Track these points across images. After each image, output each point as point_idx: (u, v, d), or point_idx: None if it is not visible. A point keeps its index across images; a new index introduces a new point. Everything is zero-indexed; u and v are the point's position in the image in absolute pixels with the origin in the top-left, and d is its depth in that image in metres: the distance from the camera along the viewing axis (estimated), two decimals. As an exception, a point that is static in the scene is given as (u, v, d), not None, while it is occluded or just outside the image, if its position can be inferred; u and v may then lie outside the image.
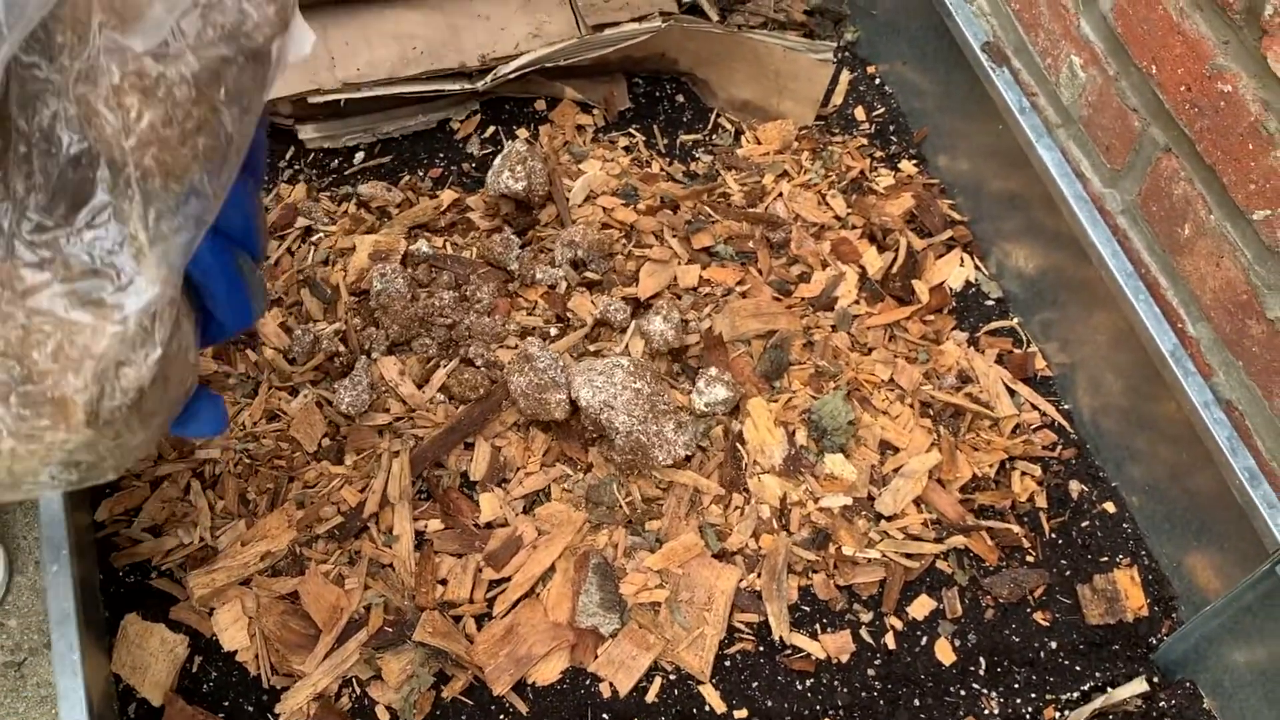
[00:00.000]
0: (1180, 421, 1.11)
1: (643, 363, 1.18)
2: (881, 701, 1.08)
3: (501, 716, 1.04)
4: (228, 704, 1.04)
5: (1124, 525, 1.19)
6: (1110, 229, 1.19)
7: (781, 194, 1.41)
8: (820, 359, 1.26)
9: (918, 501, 1.18)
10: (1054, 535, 1.18)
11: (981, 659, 1.11)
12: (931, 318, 1.32)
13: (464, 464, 1.17)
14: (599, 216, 1.36)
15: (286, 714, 1.03)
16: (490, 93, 1.46)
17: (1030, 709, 1.08)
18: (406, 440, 1.17)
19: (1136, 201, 1.17)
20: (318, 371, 1.22)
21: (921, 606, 1.13)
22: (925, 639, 1.11)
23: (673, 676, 1.07)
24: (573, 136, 1.47)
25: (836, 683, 1.08)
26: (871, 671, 1.09)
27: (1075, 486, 1.22)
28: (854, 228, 1.39)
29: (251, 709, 1.04)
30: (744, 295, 1.31)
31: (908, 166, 1.47)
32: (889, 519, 1.17)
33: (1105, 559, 1.17)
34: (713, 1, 1.59)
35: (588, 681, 1.06)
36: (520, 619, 1.07)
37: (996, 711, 1.08)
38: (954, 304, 1.35)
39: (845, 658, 1.09)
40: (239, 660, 1.06)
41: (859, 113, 1.54)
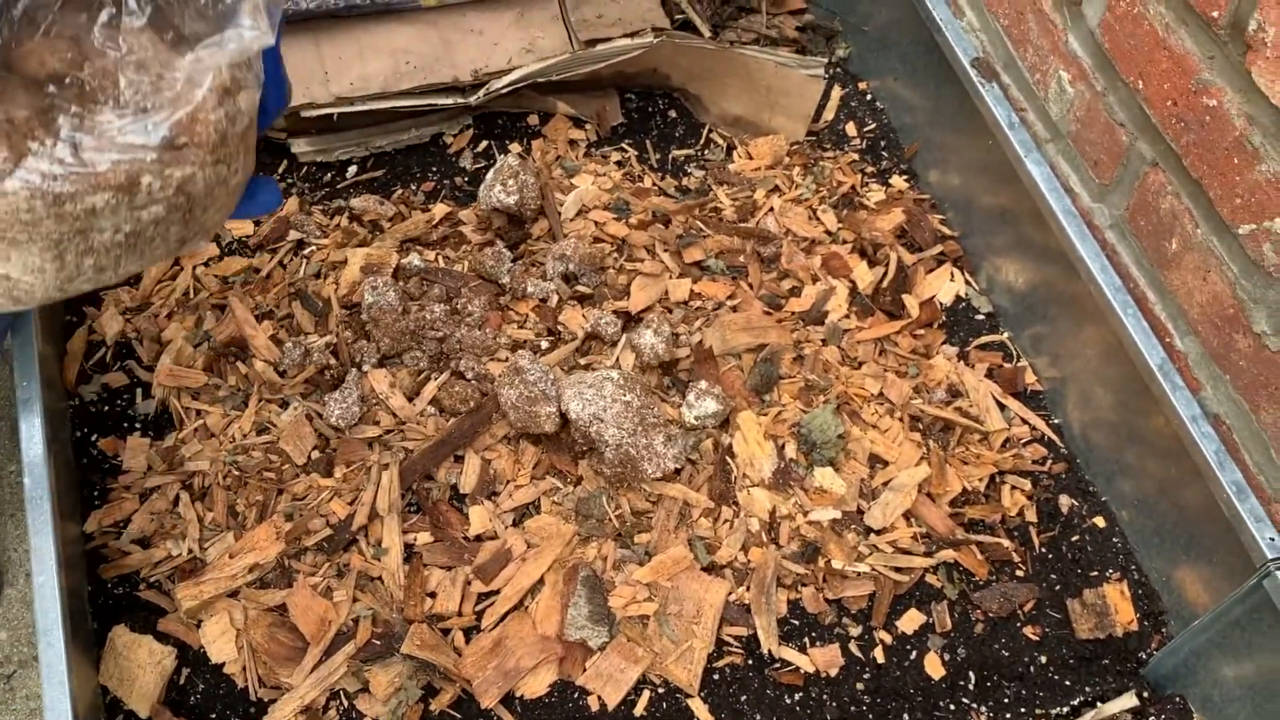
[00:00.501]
0: (1169, 436, 1.11)
1: (633, 376, 1.18)
2: (870, 716, 1.07)
3: (489, 729, 1.04)
4: (215, 716, 1.04)
5: (1114, 539, 1.20)
6: (1099, 243, 1.20)
7: (773, 209, 1.41)
8: (810, 373, 1.26)
9: (907, 515, 1.18)
10: (1044, 549, 1.19)
11: (971, 673, 1.10)
12: (922, 332, 1.33)
13: (454, 476, 1.17)
14: (591, 230, 1.36)
15: (273, 726, 1.02)
16: (483, 107, 1.47)
17: (1019, 723, 1.08)
18: (396, 453, 1.18)
19: (1125, 216, 1.18)
20: (308, 384, 1.22)
21: (911, 620, 1.13)
22: (914, 653, 1.11)
23: (661, 690, 1.07)
24: (565, 151, 1.48)
25: (825, 697, 1.08)
26: (860, 685, 1.09)
27: (1065, 501, 1.22)
28: (845, 242, 1.39)
29: (238, 721, 1.04)
30: (735, 309, 1.31)
31: (898, 181, 1.47)
32: (878, 533, 1.17)
33: (1095, 573, 1.17)
34: (705, 18, 1.60)
35: (576, 694, 1.06)
36: (509, 632, 1.07)
37: (985, 725, 1.08)
38: (944, 318, 1.35)
39: (834, 671, 1.09)
40: (226, 672, 1.06)
41: (850, 128, 1.54)
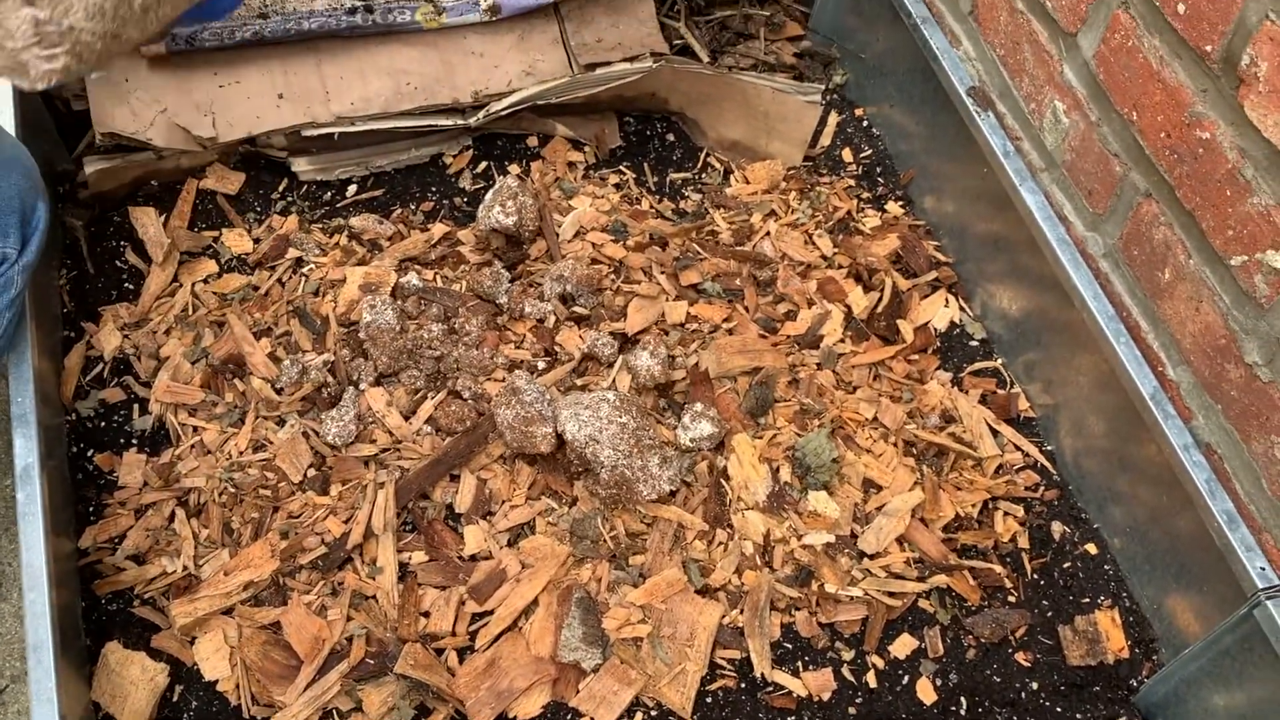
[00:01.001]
0: (1160, 464, 1.11)
1: (629, 397, 1.19)
2: (862, 740, 1.08)
3: (481, 750, 1.04)
4: (207, 734, 1.04)
5: (1105, 567, 1.20)
6: (1092, 272, 1.21)
7: (769, 233, 1.42)
8: (805, 397, 1.27)
9: (900, 540, 1.18)
10: (1036, 576, 1.19)
11: (962, 699, 1.11)
12: (916, 357, 1.34)
13: (449, 496, 1.17)
14: (588, 252, 1.37)
15: (266, 745, 1.02)
16: (483, 129, 1.48)
17: (1010, 749, 1.09)
18: (392, 471, 1.18)
19: (1118, 245, 1.19)
20: (305, 402, 1.22)
21: (903, 645, 1.13)
22: (907, 678, 1.11)
23: (654, 712, 1.07)
24: (564, 173, 1.49)
25: (817, 720, 1.08)
26: (853, 710, 1.09)
27: (1057, 527, 1.22)
28: (840, 267, 1.40)
29: (231, 739, 1.04)
30: (730, 332, 1.32)
31: (894, 208, 1.49)
32: (872, 557, 1.17)
33: (1087, 600, 1.18)
34: (703, 43, 1.61)
35: (569, 716, 1.06)
36: (502, 652, 1.07)
37: (977, 751, 1.08)
38: (938, 344, 1.36)
39: (826, 695, 1.09)
40: (219, 690, 1.06)
41: (846, 154, 1.56)
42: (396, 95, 1.44)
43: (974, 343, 1.37)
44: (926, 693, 1.10)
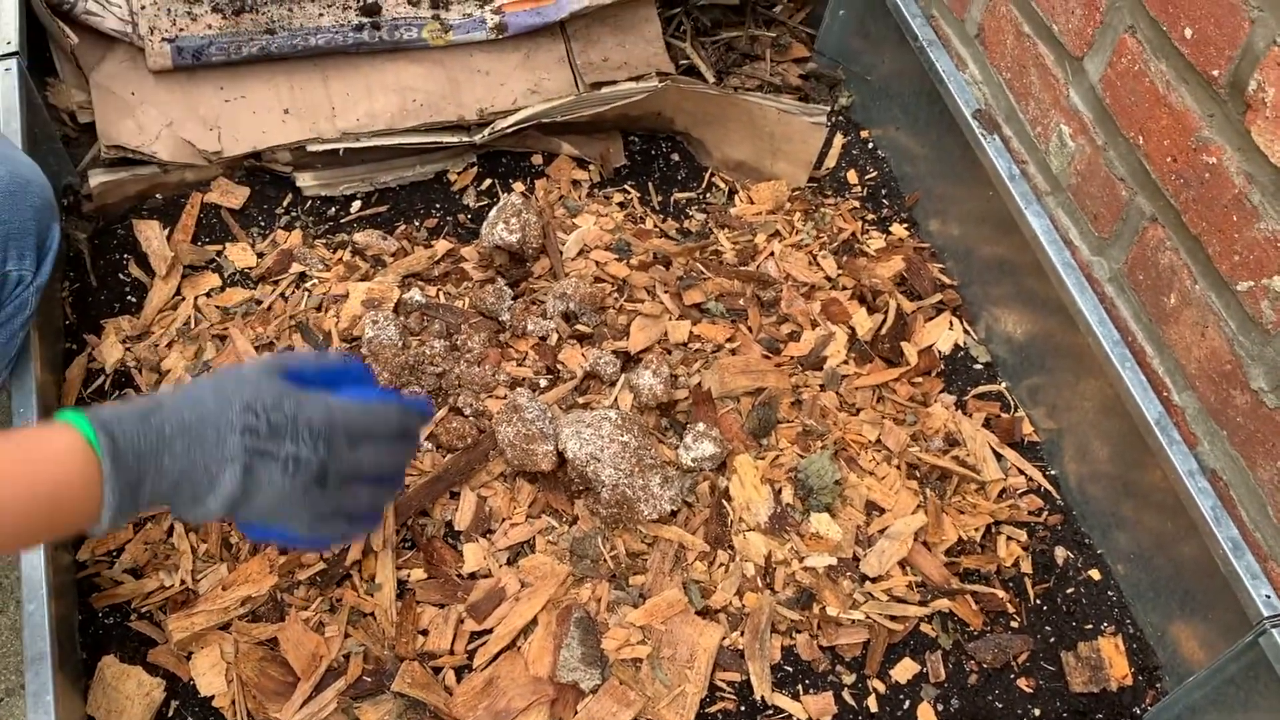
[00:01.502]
0: (1165, 490, 1.11)
1: (630, 416, 1.18)
2: (862, 765, 1.07)
3: (478, 771, 1.03)
4: (201, 751, 1.03)
5: (1109, 593, 1.19)
6: (1098, 297, 1.20)
7: (773, 253, 1.42)
8: (808, 418, 1.26)
9: (903, 563, 1.18)
10: (1039, 601, 1.18)
11: (964, 724, 1.10)
12: (920, 380, 1.33)
13: (449, 513, 1.17)
14: (592, 270, 1.37)
15: (260, 762, 1.02)
16: (488, 146, 1.48)
17: (1012, 776, 1.08)
18: (392, 488, 1.17)
19: (1123, 270, 1.19)
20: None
21: (905, 670, 1.12)
22: (908, 703, 1.11)
23: (652, 734, 1.06)
24: (568, 191, 1.49)
25: (817, 745, 1.07)
26: (853, 734, 1.08)
27: (1061, 552, 1.22)
28: (844, 289, 1.40)
29: (225, 757, 1.03)
30: (734, 352, 1.31)
31: (899, 230, 1.48)
32: (874, 580, 1.16)
33: (1090, 626, 1.17)
34: (709, 63, 1.62)
35: (566, 737, 1.05)
36: (500, 672, 1.06)
37: (978, 778, 1.07)
38: (942, 367, 1.35)
39: (827, 719, 1.08)
40: (215, 705, 1.05)
41: (851, 175, 1.56)
42: (402, 112, 1.44)
43: (978, 366, 1.36)
44: (928, 718, 1.09)
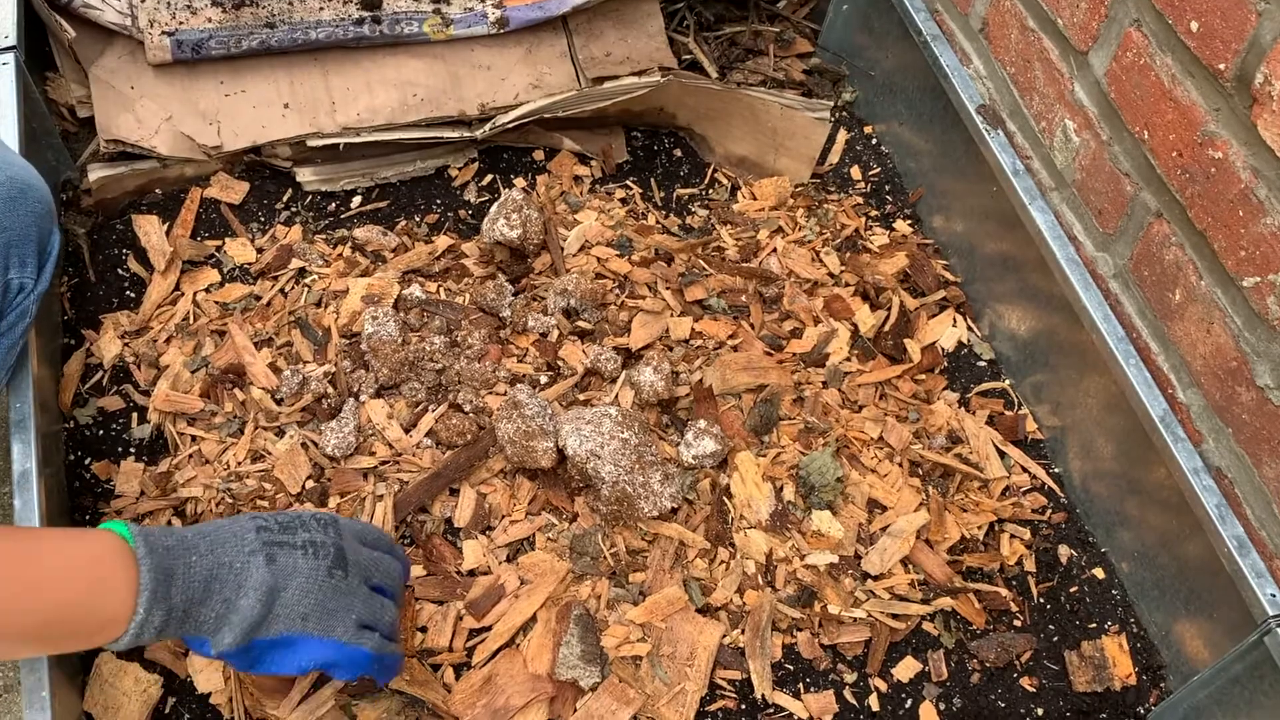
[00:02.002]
0: (1170, 488, 1.10)
1: (631, 413, 1.17)
2: (864, 764, 1.06)
3: (476, 769, 1.02)
4: (198, 748, 1.02)
5: (1113, 591, 1.18)
6: (1102, 293, 1.20)
7: (775, 250, 1.41)
8: (810, 415, 1.25)
9: (905, 561, 1.17)
10: (1042, 600, 1.17)
11: (966, 723, 1.09)
12: (923, 377, 1.32)
13: (449, 510, 1.16)
14: (593, 266, 1.36)
15: (257, 760, 1.01)
16: (489, 141, 1.47)
17: (1015, 776, 1.07)
18: (391, 484, 1.17)
19: (1128, 266, 1.18)
20: (305, 413, 1.21)
21: (907, 668, 1.11)
22: (910, 701, 1.10)
23: (652, 732, 1.05)
24: (569, 187, 1.48)
25: (818, 744, 1.06)
26: (854, 733, 1.08)
27: (1064, 551, 1.21)
28: (847, 285, 1.39)
29: (222, 754, 1.02)
30: (735, 349, 1.31)
31: (902, 226, 1.48)
32: (875, 578, 1.16)
33: (1094, 625, 1.16)
34: (712, 59, 1.61)
35: (565, 735, 1.04)
36: (499, 669, 1.06)
37: (980, 778, 1.06)
38: (945, 364, 1.35)
39: (828, 718, 1.08)
40: (213, 703, 1.04)
41: (855, 171, 1.55)
42: (403, 107, 1.44)
43: (982, 363, 1.35)
44: (930, 717, 1.09)
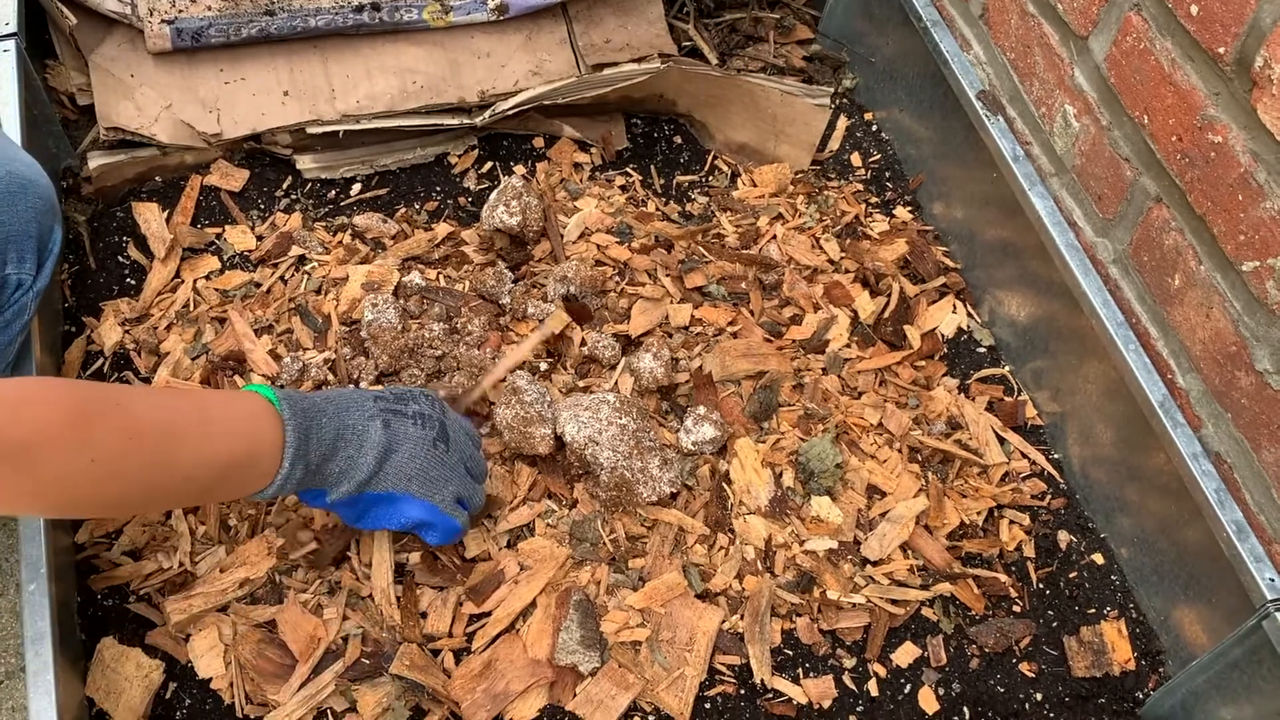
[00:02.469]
0: (1169, 473, 1.10)
1: (629, 399, 1.18)
2: (862, 749, 1.06)
3: (476, 753, 1.03)
4: (199, 733, 1.03)
5: (1112, 577, 1.19)
6: (1101, 278, 1.19)
7: (775, 236, 1.41)
8: (810, 401, 1.25)
9: (904, 547, 1.17)
10: (1041, 585, 1.17)
11: (965, 709, 1.09)
12: (922, 363, 1.32)
13: (448, 496, 1.16)
14: (593, 253, 1.36)
15: (258, 744, 1.01)
16: (489, 128, 1.47)
17: (1013, 760, 1.07)
18: (391, 471, 1.17)
19: (1128, 251, 1.18)
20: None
21: (906, 654, 1.11)
22: (909, 687, 1.10)
23: (652, 717, 1.05)
24: (569, 174, 1.48)
25: (817, 728, 1.07)
26: (853, 718, 1.08)
27: (1064, 537, 1.21)
28: (847, 272, 1.39)
29: (223, 738, 1.03)
30: (735, 336, 1.31)
31: (902, 212, 1.47)
32: (875, 564, 1.16)
33: (1093, 610, 1.16)
34: (712, 45, 1.61)
35: (565, 720, 1.05)
36: (499, 655, 1.06)
37: (979, 762, 1.07)
38: (945, 350, 1.35)
39: (827, 704, 1.08)
40: (214, 688, 1.04)
41: (855, 158, 1.55)
42: (402, 94, 1.43)
43: (981, 349, 1.35)
44: (929, 702, 1.09)
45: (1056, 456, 1.27)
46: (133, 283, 1.32)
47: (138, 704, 1.02)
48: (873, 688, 1.09)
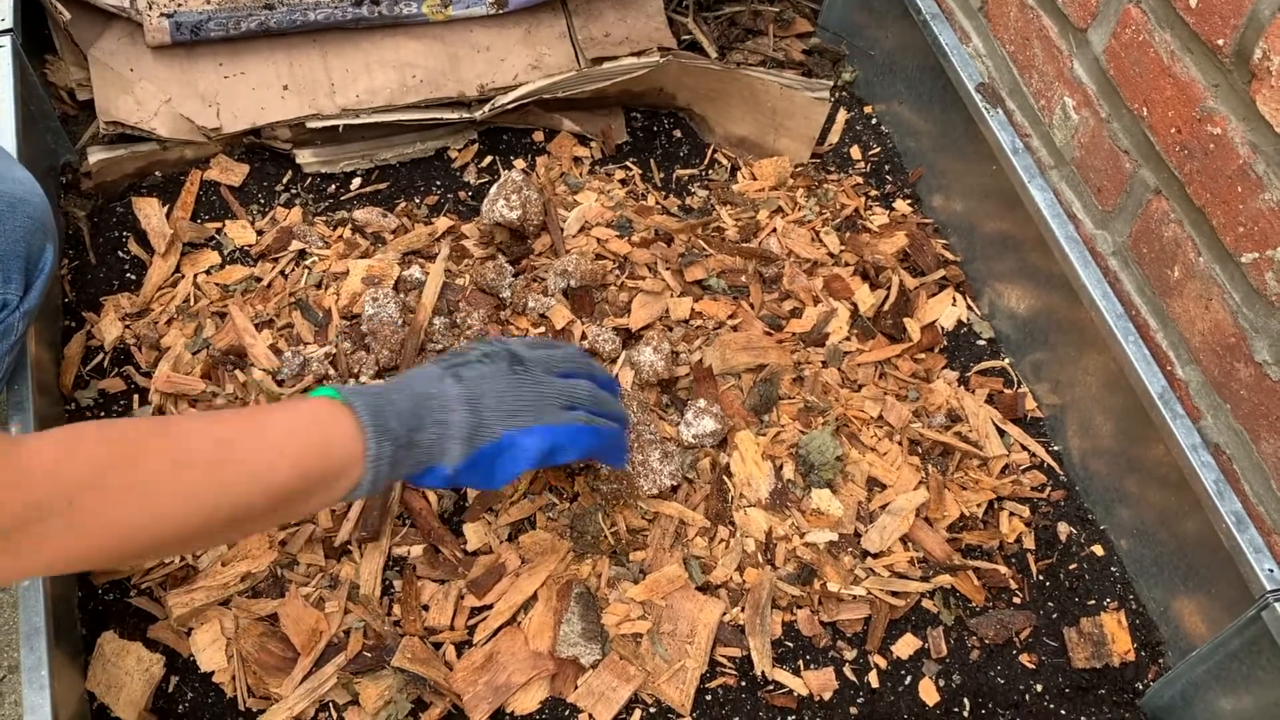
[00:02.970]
0: (1169, 465, 1.10)
1: (628, 392, 1.18)
2: (863, 740, 1.07)
3: (478, 745, 1.03)
4: (202, 726, 1.03)
5: (1112, 568, 1.19)
6: (1101, 270, 1.20)
7: (775, 230, 1.41)
8: (810, 394, 1.25)
9: (904, 539, 1.17)
10: (1041, 577, 1.18)
11: (966, 700, 1.09)
12: (922, 356, 1.32)
13: (450, 490, 1.16)
14: (593, 247, 1.36)
15: (261, 737, 1.02)
16: (488, 122, 1.47)
17: (1013, 751, 1.07)
18: (392, 465, 1.17)
19: (1127, 243, 1.18)
20: (306, 394, 1.22)
21: (906, 645, 1.12)
22: (909, 678, 1.10)
23: (653, 709, 1.06)
24: (569, 168, 1.48)
25: (818, 720, 1.07)
26: (854, 710, 1.08)
27: (1063, 528, 1.21)
28: (847, 265, 1.39)
29: (226, 731, 1.03)
30: (735, 329, 1.31)
31: (902, 205, 1.48)
32: (875, 556, 1.16)
33: (1092, 602, 1.16)
34: (712, 39, 1.61)
35: (567, 712, 1.05)
36: (500, 647, 1.06)
37: (979, 753, 1.07)
38: (945, 343, 1.35)
39: (828, 695, 1.08)
40: (216, 681, 1.05)
41: (855, 151, 1.55)
42: (402, 88, 1.44)
43: (981, 341, 1.36)
44: (929, 693, 1.09)
45: (1056, 448, 1.27)
46: (133, 278, 1.32)
47: (138, 698, 1.02)
48: (873, 679, 1.09)
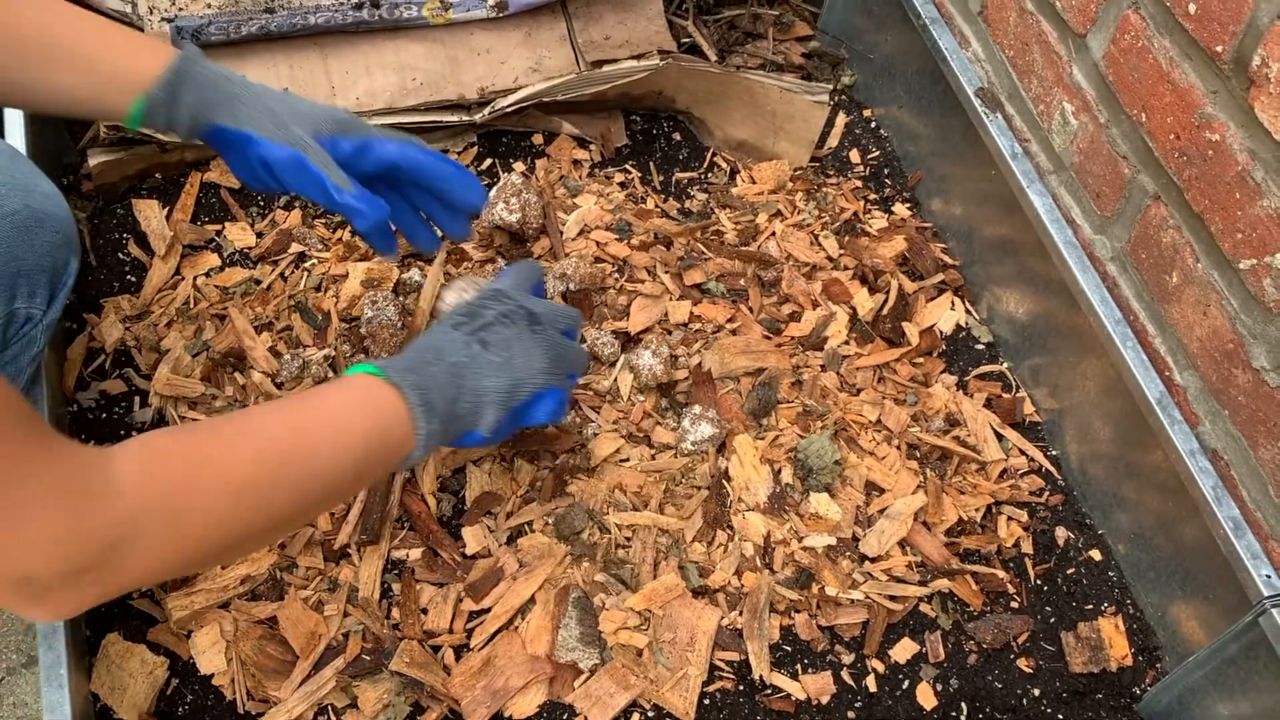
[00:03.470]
0: (1166, 470, 1.10)
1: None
2: (861, 744, 1.07)
3: (476, 749, 1.03)
4: (201, 729, 1.03)
5: (1109, 573, 1.19)
6: (1099, 276, 1.20)
7: (774, 233, 1.42)
8: (808, 398, 1.26)
9: (902, 543, 1.17)
10: (1039, 581, 1.18)
11: (963, 704, 1.10)
12: (921, 360, 1.33)
13: (449, 494, 1.17)
14: (592, 250, 1.37)
15: (260, 740, 1.02)
16: (488, 125, 1.47)
17: (1011, 756, 1.08)
18: (392, 468, 1.17)
19: (1126, 249, 1.18)
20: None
21: (904, 649, 1.12)
22: (907, 682, 1.11)
23: (650, 714, 1.06)
24: (569, 171, 1.48)
25: (816, 724, 1.07)
26: (852, 714, 1.08)
27: (1061, 533, 1.21)
28: (846, 269, 1.39)
29: (225, 734, 1.03)
30: (734, 333, 1.31)
31: (901, 209, 1.48)
32: (873, 560, 1.16)
33: (1090, 607, 1.17)
34: (711, 42, 1.61)
35: (565, 716, 1.05)
36: (498, 651, 1.07)
37: (976, 757, 1.07)
38: (944, 347, 1.35)
39: (826, 699, 1.08)
40: (216, 684, 1.05)
41: (854, 155, 1.55)
42: (402, 91, 1.44)
43: (980, 346, 1.36)
44: (927, 697, 1.09)
45: (1054, 453, 1.27)
46: (133, 280, 1.32)
47: (142, 700, 1.02)
48: (871, 683, 1.10)
